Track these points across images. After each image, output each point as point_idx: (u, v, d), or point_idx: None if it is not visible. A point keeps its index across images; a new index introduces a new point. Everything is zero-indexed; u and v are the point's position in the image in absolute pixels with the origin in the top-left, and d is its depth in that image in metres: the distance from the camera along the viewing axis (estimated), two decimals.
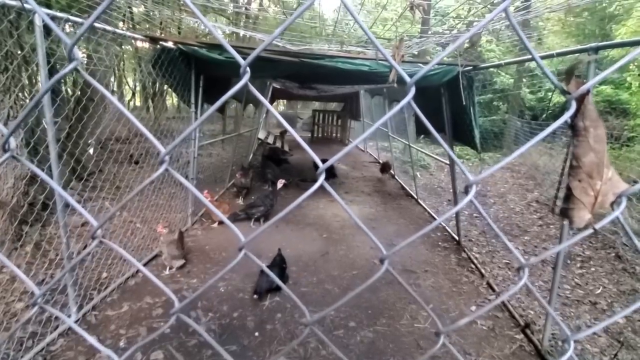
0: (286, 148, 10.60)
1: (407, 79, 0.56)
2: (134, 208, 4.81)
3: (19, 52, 3.33)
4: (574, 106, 0.51)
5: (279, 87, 8.67)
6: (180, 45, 3.63)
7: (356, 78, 4.29)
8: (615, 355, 2.70)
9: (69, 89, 7.50)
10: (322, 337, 0.67)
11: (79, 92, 5.11)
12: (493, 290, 3.55)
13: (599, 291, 3.63)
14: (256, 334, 2.77)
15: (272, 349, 2.62)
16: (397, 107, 0.62)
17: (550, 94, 13.08)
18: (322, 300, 3.27)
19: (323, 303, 3.20)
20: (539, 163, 8.75)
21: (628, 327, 3.14)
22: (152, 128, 8.48)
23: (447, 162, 4.76)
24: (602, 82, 10.78)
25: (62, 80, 5.22)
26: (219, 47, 3.58)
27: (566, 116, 0.52)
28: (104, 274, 3.33)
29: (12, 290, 2.92)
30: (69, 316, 2.65)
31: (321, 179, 0.57)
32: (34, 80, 4.52)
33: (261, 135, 10.10)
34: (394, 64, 0.58)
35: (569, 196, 0.55)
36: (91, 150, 4.00)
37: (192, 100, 4.18)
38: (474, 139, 3.77)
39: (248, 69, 0.53)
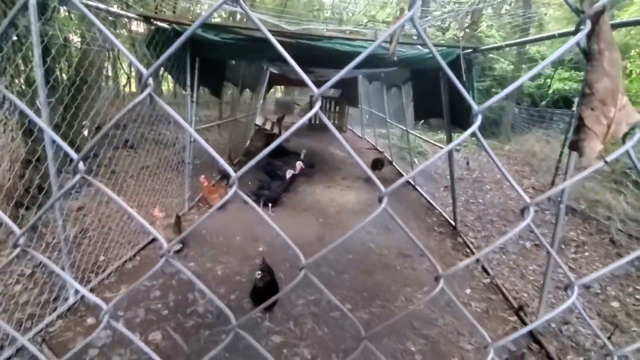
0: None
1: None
2: (130, 192, 4.78)
3: (14, 31, 3.24)
4: (588, 26, 0.48)
5: (276, 72, 8.55)
6: (175, 26, 3.54)
7: (367, 63, 4.22)
8: (609, 337, 2.76)
9: (63, 73, 7.36)
10: (315, 281, 0.67)
11: (74, 74, 5.02)
12: (487, 273, 3.59)
13: (593, 275, 3.67)
14: (253, 315, 2.80)
15: (268, 328, 2.65)
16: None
17: (549, 80, 12.99)
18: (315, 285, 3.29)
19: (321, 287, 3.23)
20: (536, 150, 8.75)
21: (622, 311, 3.20)
22: (147, 114, 8.40)
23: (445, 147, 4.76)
24: None
25: (57, 61, 5.11)
26: (214, 28, 3.50)
27: (579, 37, 0.49)
28: (102, 257, 3.33)
29: (9, 272, 2.92)
30: (67, 299, 2.67)
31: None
32: (28, 62, 4.41)
33: (258, 121, 10.02)
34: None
35: (579, 127, 0.53)
36: (86, 132, 3.94)
37: (188, 82, 4.11)
38: (472, 123, 3.74)
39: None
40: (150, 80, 0.57)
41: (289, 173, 5.25)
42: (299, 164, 5.42)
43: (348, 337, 2.64)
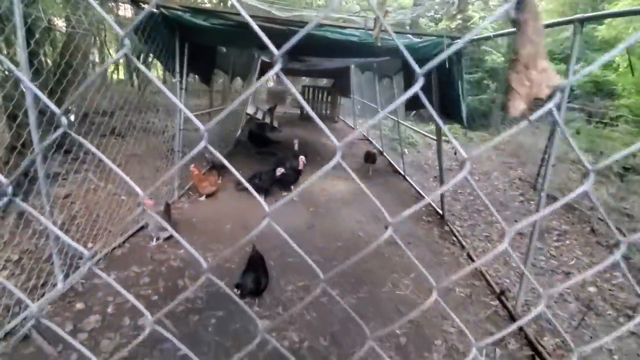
0: (275, 124, 10.48)
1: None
2: (118, 180, 4.75)
3: None
4: None
5: (268, 61, 8.46)
6: (162, 10, 3.48)
7: (346, 50, 4.21)
8: (582, 318, 2.88)
9: (48, 57, 7.17)
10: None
11: (58, 58, 4.90)
12: (472, 260, 3.69)
13: (572, 262, 3.81)
14: (243, 301, 2.84)
15: (257, 312, 2.70)
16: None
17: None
18: (307, 269, 3.34)
19: (307, 272, 3.28)
20: (524, 142, 8.89)
21: (598, 296, 3.33)
22: (135, 102, 8.26)
23: (435, 138, 4.81)
24: (591, 63, 10.84)
25: (41, 44, 4.98)
26: (203, 13, 3.45)
27: (507, 6, 0.53)
28: (90, 244, 3.33)
29: None
30: (54, 285, 2.67)
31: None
32: (10, 45, 4.30)
33: (250, 110, 9.93)
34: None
35: (507, 88, 0.57)
36: (72, 117, 3.88)
37: (177, 69, 4.06)
38: (461, 113, 3.80)
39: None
40: (127, 41, 0.58)
41: (301, 160, 5.38)
42: (302, 159, 5.43)
43: (335, 321, 2.70)
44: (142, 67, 0.72)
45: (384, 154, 8.38)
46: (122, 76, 16.94)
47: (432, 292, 0.69)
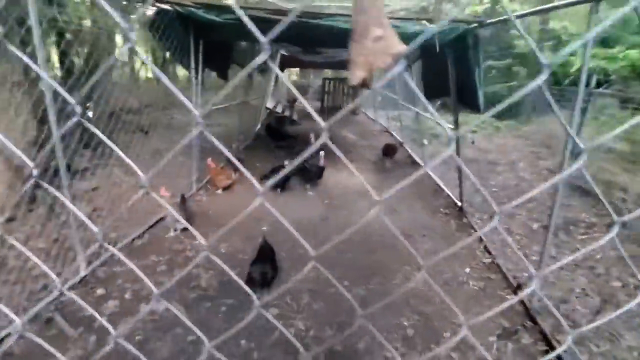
0: (295, 117, 10.52)
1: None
2: (145, 175, 4.95)
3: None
4: None
5: (286, 54, 8.48)
6: (177, 7, 3.56)
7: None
8: (597, 312, 2.73)
9: (79, 57, 7.58)
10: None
11: (87, 57, 5.16)
12: (489, 253, 3.57)
13: (599, 256, 3.59)
14: (252, 290, 2.91)
15: (269, 301, 2.75)
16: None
17: (573, 57, 12.32)
18: (319, 261, 3.36)
19: (320, 264, 3.30)
20: (555, 130, 8.42)
21: (622, 291, 3.13)
22: (162, 99, 8.56)
23: (453, 127, 4.64)
24: (629, 46, 10.07)
25: (72, 44, 5.25)
26: (216, 8, 3.50)
27: None
28: (112, 234, 3.51)
29: (26, 246, 3.13)
30: (78, 272, 2.85)
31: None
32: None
33: (270, 104, 10.03)
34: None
35: (349, 58, 0.55)
36: (90, 114, 4.09)
37: (192, 65, 4.16)
38: (478, 101, 3.65)
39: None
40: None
41: (322, 156, 5.40)
42: (322, 154, 5.41)
43: (342, 312, 2.71)
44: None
45: (404, 145, 8.22)
46: (150, 74, 17.56)
47: (445, 285, 0.68)
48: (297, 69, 21.23)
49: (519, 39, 13.64)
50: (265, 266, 2.76)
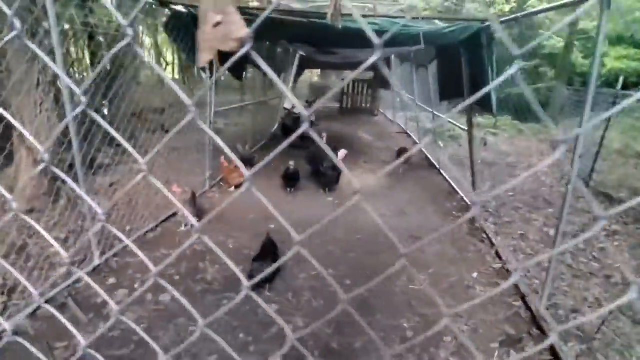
0: (313, 118, 10.55)
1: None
2: (160, 171, 5.15)
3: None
4: None
5: (304, 54, 8.55)
6: (191, 9, 3.68)
7: (368, 40, 4.12)
8: (602, 323, 2.60)
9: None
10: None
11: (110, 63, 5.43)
12: (500, 258, 3.47)
13: (617, 265, 3.41)
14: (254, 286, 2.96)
15: (268, 297, 2.80)
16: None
17: (604, 58, 11.74)
18: (323, 260, 3.38)
19: (323, 263, 3.31)
20: (585, 135, 8.04)
21: None
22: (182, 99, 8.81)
23: (466, 128, 4.55)
24: None
25: (101, 46, 5.53)
26: None
27: None
28: (128, 227, 3.67)
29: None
30: (92, 260, 3.00)
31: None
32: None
33: (287, 105, 10.12)
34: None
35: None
36: (105, 111, 4.29)
37: (207, 67, 4.28)
38: (491, 100, 3.56)
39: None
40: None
41: (342, 153, 5.37)
42: (343, 152, 5.39)
43: (343, 312, 2.69)
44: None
45: (422, 148, 8.10)
46: (177, 76, 18.16)
47: (450, 288, 0.69)
48: (319, 70, 21.28)
49: (549, 40, 13.13)
50: (265, 263, 2.80)
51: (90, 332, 2.40)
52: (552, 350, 2.38)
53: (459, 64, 4.13)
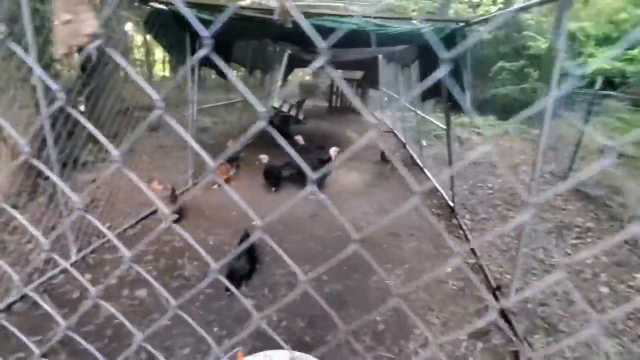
0: (301, 117, 10.58)
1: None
2: (144, 169, 5.15)
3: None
4: None
5: (290, 52, 8.58)
6: (172, 7, 3.69)
7: (351, 39, 4.18)
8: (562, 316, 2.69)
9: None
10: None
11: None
12: (475, 254, 3.56)
13: (589, 261, 3.53)
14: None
15: (244, 292, 2.84)
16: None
17: (590, 59, 11.98)
18: (301, 256, 3.43)
19: (300, 258, 3.37)
20: (566, 134, 8.22)
21: (610, 297, 3.07)
22: (175, 97, 8.76)
23: (444, 127, 4.62)
24: None
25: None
26: (207, 8, 3.61)
27: None
28: (107, 224, 3.67)
29: (25, 232, 3.31)
30: (69, 257, 3.00)
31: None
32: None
33: (276, 103, 10.14)
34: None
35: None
36: (82, 107, 4.27)
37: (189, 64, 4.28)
38: (464, 101, 3.65)
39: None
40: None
41: (333, 151, 5.41)
42: (334, 150, 5.41)
43: (317, 305, 2.76)
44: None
45: (407, 146, 8.21)
46: (167, 73, 17.98)
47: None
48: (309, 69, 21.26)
49: (535, 41, 13.35)
50: (241, 259, 2.84)
51: None
52: (519, 341, 2.46)
53: (437, 64, 4.21)
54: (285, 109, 10.32)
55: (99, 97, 3.87)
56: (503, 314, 2.71)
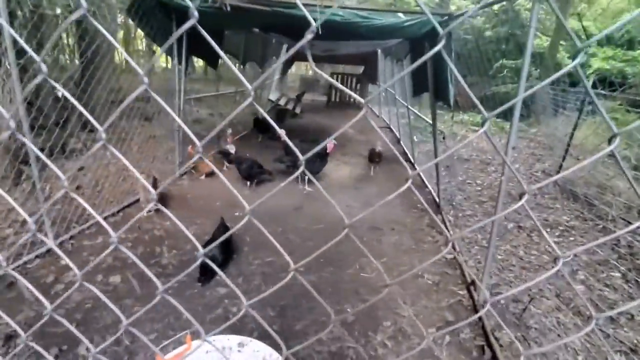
0: (298, 111, 10.54)
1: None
2: (131, 159, 5.16)
3: None
4: None
5: (289, 46, 8.51)
6: None
7: (337, 32, 4.14)
8: (524, 309, 2.71)
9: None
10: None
11: (84, 45, 5.39)
12: (454, 249, 3.55)
13: (568, 259, 3.52)
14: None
15: (218, 280, 2.85)
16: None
17: (592, 58, 11.86)
18: (282, 247, 3.43)
19: (278, 250, 3.37)
20: (559, 132, 8.17)
21: (586, 295, 3.07)
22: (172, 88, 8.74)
23: (431, 121, 4.60)
24: None
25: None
26: None
27: None
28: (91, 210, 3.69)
29: (6, 218, 3.34)
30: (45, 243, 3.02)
31: None
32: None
33: (272, 96, 10.10)
34: None
35: None
36: (60, 94, 4.28)
37: (175, 53, 4.28)
38: (449, 95, 3.63)
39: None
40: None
41: (330, 145, 5.30)
42: (332, 142, 5.37)
43: (289, 296, 2.77)
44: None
45: (401, 142, 8.18)
46: (169, 65, 17.93)
47: (398, 277, 0.73)
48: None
49: (536, 39, 13.19)
50: (213, 249, 2.85)
51: (36, 309, 2.44)
52: (486, 335, 2.47)
53: (429, 59, 4.18)
54: (282, 102, 10.29)
55: (92, 85, 3.89)
56: (475, 309, 2.72)
